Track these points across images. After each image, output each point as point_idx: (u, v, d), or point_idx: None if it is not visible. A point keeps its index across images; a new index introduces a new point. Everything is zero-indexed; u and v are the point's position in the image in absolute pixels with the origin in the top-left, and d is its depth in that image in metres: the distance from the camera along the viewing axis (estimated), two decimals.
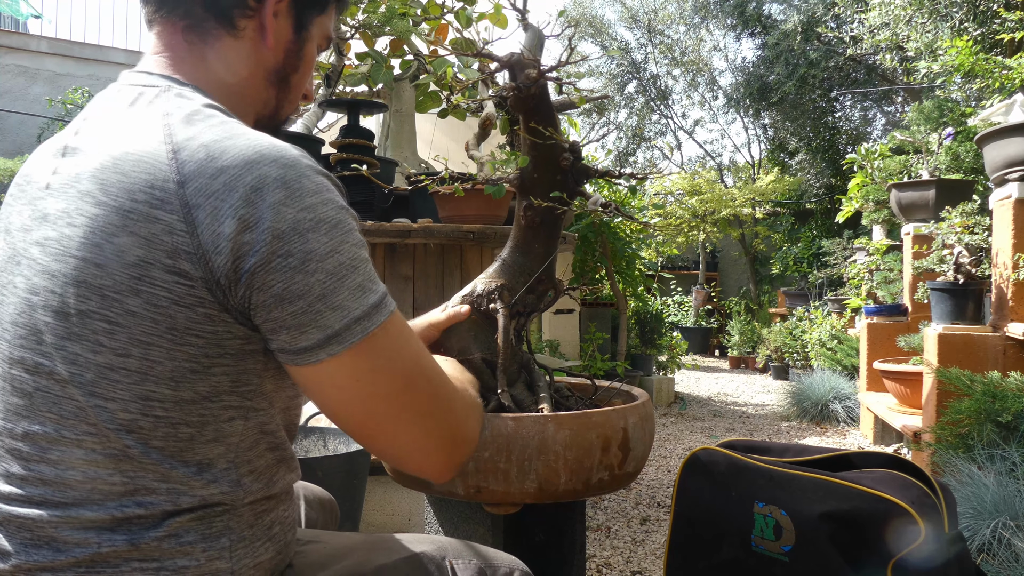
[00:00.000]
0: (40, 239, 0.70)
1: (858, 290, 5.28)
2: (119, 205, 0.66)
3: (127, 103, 0.74)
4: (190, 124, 0.69)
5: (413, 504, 2.49)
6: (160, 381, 0.67)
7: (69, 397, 0.67)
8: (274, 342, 0.69)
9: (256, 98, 0.84)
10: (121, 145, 0.69)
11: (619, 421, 1.09)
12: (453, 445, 0.77)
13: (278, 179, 0.66)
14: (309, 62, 0.88)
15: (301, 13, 0.84)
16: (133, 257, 0.65)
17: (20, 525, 0.68)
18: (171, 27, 0.79)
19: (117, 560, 0.67)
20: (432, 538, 0.95)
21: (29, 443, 0.68)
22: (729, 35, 11.26)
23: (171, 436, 0.68)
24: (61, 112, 6.94)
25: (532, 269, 1.22)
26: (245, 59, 0.81)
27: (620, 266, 5.41)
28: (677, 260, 10.72)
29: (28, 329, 0.69)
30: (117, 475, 0.67)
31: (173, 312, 0.65)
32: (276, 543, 0.77)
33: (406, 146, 3.15)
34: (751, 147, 12.38)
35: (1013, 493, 1.80)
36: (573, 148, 1.20)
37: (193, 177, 0.65)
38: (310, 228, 0.66)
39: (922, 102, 5.02)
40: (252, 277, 0.65)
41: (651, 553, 2.44)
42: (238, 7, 0.79)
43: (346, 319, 0.67)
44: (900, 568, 1.05)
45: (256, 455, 0.75)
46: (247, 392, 0.72)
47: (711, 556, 1.25)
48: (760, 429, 4.61)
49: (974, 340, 2.77)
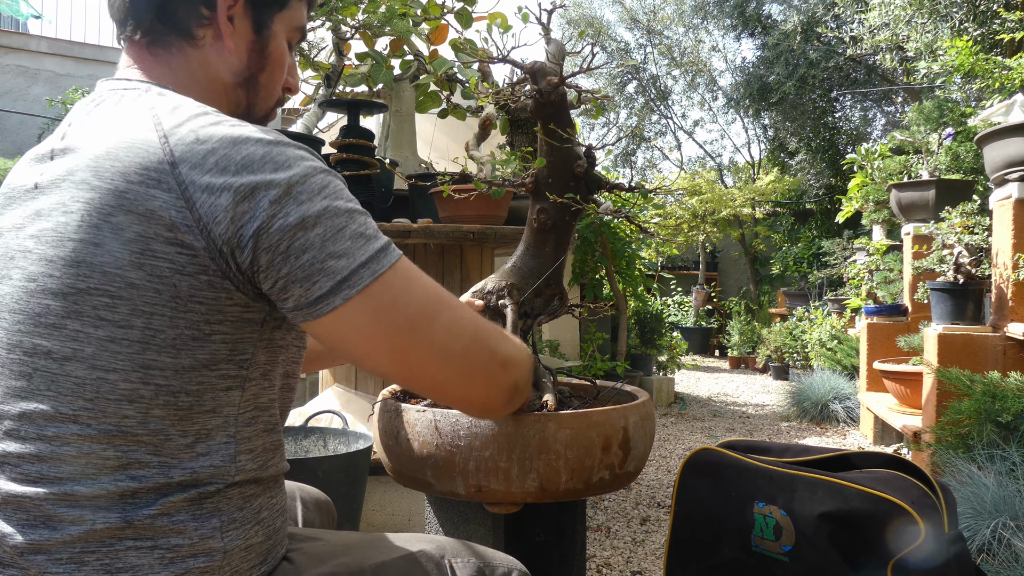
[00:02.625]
0: (35, 232, 0.73)
1: (858, 290, 5.28)
2: (114, 187, 0.70)
3: (112, 104, 0.79)
4: (176, 113, 0.74)
5: (413, 504, 2.49)
6: (161, 349, 0.70)
7: (67, 374, 0.70)
8: (288, 301, 0.72)
9: (226, 99, 0.88)
10: (112, 137, 0.73)
11: (620, 420, 1.09)
12: (493, 367, 0.80)
13: (264, 155, 0.71)
14: (277, 59, 0.91)
15: (259, 13, 0.87)
16: (132, 233, 0.69)
17: (17, 505, 0.69)
18: (135, 44, 0.85)
19: (112, 538, 0.69)
20: (431, 537, 0.96)
21: (26, 422, 0.70)
22: (729, 35, 11.27)
23: (171, 404, 0.71)
24: (61, 112, 6.93)
25: (541, 272, 1.23)
26: (208, 65, 0.85)
27: (620, 266, 5.41)
28: (677, 260, 10.72)
29: (25, 314, 0.72)
30: (111, 449, 0.70)
31: (176, 281, 0.70)
32: (265, 527, 0.79)
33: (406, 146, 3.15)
34: (751, 147, 12.40)
35: (1013, 493, 1.80)
36: (588, 154, 1.22)
37: (185, 158, 0.70)
38: (301, 191, 0.71)
39: (922, 102, 5.02)
40: (256, 240, 0.69)
41: (651, 553, 2.44)
42: (193, 18, 0.83)
43: (353, 264, 0.71)
44: (900, 568, 1.05)
45: (254, 433, 0.78)
46: (243, 361, 0.75)
47: (711, 556, 1.25)
48: (760, 429, 4.61)
49: (974, 340, 2.77)
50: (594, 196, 1.24)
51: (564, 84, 1.17)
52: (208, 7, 0.83)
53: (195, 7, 0.83)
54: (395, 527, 2.49)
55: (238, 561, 0.75)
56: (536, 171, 1.23)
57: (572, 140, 1.19)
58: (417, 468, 1.09)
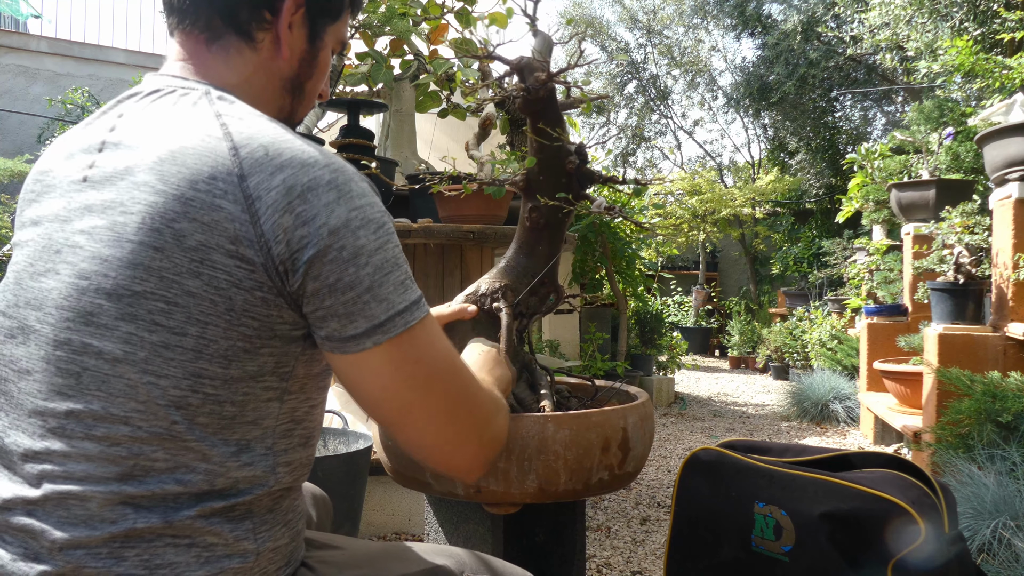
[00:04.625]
0: (85, 228, 0.73)
1: (858, 290, 5.28)
2: (180, 193, 0.69)
3: (170, 103, 0.77)
4: (245, 124, 0.74)
5: (413, 504, 2.49)
6: (213, 359, 0.70)
7: (120, 375, 0.70)
8: (323, 330, 0.73)
9: (274, 104, 0.88)
10: (177, 140, 0.72)
11: (619, 421, 1.09)
12: (481, 442, 0.82)
13: (330, 181, 0.71)
14: (323, 68, 0.92)
15: (315, 23, 0.87)
16: (193, 241, 0.69)
17: (59, 502, 0.69)
18: (192, 38, 0.83)
19: (151, 535, 0.69)
20: (450, 550, 0.96)
21: (74, 420, 0.70)
22: (729, 35, 11.26)
23: (216, 413, 0.71)
24: (61, 112, 6.94)
25: (536, 271, 1.22)
26: (262, 70, 0.85)
27: (620, 266, 5.40)
28: (677, 260, 10.72)
29: (76, 312, 0.71)
30: (160, 451, 0.70)
31: (232, 294, 0.70)
32: (291, 529, 0.80)
33: (406, 146, 3.15)
34: (751, 147, 12.41)
35: (1013, 493, 1.80)
36: (579, 151, 1.20)
37: (254, 172, 0.70)
38: (360, 226, 0.71)
39: (922, 102, 5.02)
40: (309, 267, 0.70)
41: (651, 553, 2.44)
42: (255, 21, 0.83)
43: (390, 311, 0.73)
44: (900, 568, 1.05)
45: (290, 446, 0.79)
46: (284, 373, 0.76)
47: (711, 556, 1.25)
48: (760, 429, 4.61)
49: (974, 340, 2.77)
50: (587, 192, 1.23)
51: (552, 80, 1.14)
52: (271, 12, 0.83)
53: (259, 10, 0.82)
54: (395, 527, 2.49)
55: (266, 562, 0.76)
56: (527, 170, 1.22)
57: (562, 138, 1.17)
58: (417, 468, 1.09)
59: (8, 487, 0.72)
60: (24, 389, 0.73)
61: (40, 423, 0.71)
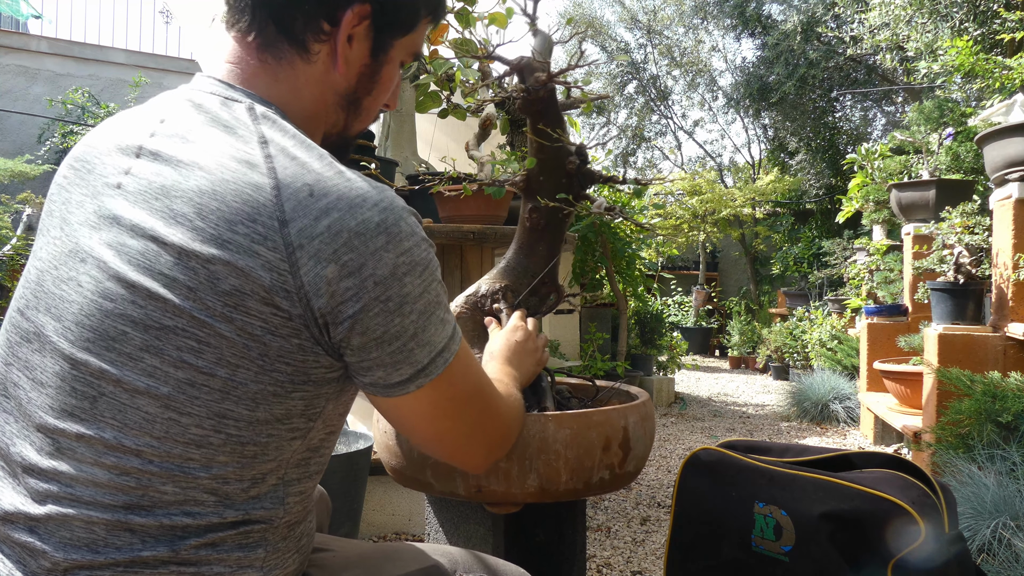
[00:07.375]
0: (113, 242, 0.69)
1: (858, 290, 5.28)
2: (217, 234, 0.66)
3: (211, 116, 0.73)
4: (290, 157, 0.69)
5: (413, 504, 2.49)
6: (240, 401, 0.68)
7: (138, 407, 0.67)
8: (367, 377, 0.73)
9: (325, 119, 0.83)
10: (218, 169, 0.68)
11: (619, 420, 1.09)
12: (494, 446, 0.89)
13: (380, 224, 0.67)
14: (386, 83, 0.85)
15: (381, 36, 0.81)
16: (228, 286, 0.65)
17: (61, 523, 0.67)
18: (244, 41, 0.78)
19: (155, 563, 0.68)
20: (443, 549, 0.96)
21: (84, 445, 0.68)
22: (729, 35, 11.26)
23: (236, 453, 0.69)
24: (61, 112, 6.94)
25: (536, 271, 1.22)
26: (315, 83, 0.79)
27: (620, 266, 5.40)
28: (677, 260, 10.72)
29: (97, 333, 0.68)
30: (170, 485, 0.68)
31: (267, 340, 0.67)
32: (302, 553, 0.80)
33: (406, 146, 3.15)
34: (751, 147, 12.39)
35: (1013, 493, 1.80)
36: (580, 151, 1.20)
37: (296, 217, 0.66)
38: (407, 272, 0.69)
39: (922, 102, 5.02)
40: (354, 322, 0.68)
41: (651, 553, 2.44)
42: (312, 31, 0.77)
43: (432, 353, 0.73)
44: (900, 568, 1.05)
45: (303, 475, 0.77)
46: (313, 414, 0.74)
47: (711, 556, 1.25)
48: (760, 429, 4.61)
49: (974, 340, 2.77)
50: (587, 192, 1.22)
51: (553, 80, 1.14)
52: (331, 22, 0.77)
53: (316, 20, 0.76)
54: (395, 527, 2.49)
55: None
56: (527, 170, 1.22)
57: (562, 138, 1.16)
58: (417, 468, 1.09)
59: (12, 497, 0.70)
60: (35, 400, 0.71)
61: (49, 441, 0.69)
